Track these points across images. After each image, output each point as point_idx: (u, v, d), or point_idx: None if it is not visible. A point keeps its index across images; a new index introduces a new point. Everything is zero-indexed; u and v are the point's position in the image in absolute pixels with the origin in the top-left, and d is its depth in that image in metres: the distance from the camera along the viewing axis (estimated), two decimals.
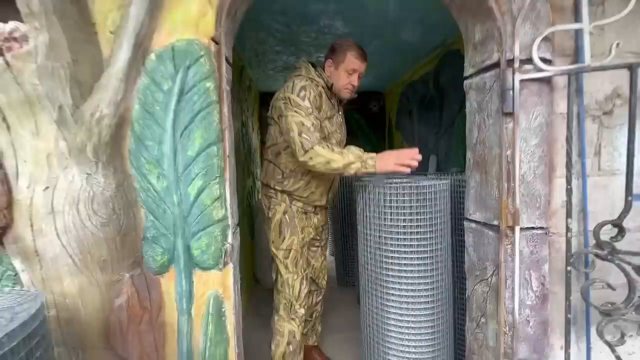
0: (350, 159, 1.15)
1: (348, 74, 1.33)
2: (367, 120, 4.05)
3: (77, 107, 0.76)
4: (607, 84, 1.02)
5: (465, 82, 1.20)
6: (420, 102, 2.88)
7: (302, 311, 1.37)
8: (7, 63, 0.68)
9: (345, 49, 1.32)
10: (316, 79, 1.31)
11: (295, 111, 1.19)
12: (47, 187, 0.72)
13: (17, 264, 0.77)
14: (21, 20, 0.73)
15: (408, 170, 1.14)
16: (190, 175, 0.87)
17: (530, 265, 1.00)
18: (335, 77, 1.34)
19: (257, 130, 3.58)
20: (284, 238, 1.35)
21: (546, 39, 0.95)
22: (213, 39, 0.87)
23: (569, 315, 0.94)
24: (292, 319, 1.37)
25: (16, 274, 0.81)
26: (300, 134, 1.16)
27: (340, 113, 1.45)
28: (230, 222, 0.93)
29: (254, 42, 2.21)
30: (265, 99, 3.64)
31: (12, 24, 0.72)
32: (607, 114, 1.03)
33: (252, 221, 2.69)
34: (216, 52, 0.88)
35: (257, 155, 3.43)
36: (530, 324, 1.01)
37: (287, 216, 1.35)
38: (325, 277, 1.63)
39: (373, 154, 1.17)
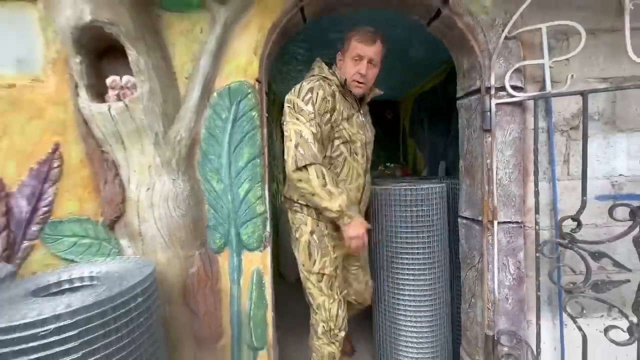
0: (334, 208, 1.06)
1: (354, 62, 1.18)
2: (382, 128, 4.30)
3: (166, 132, 1.09)
4: (573, 104, 1.23)
5: (458, 102, 1.45)
6: (431, 111, 3.11)
7: (342, 334, 1.25)
8: (125, 105, 1.02)
9: (350, 36, 1.20)
10: (329, 77, 1.20)
11: (297, 118, 1.09)
12: (148, 189, 1.05)
13: (125, 242, 1.10)
14: (132, 74, 1.07)
15: (355, 249, 1.15)
16: (240, 180, 1.18)
17: (508, 252, 1.22)
18: (344, 69, 1.22)
19: (280, 139, 3.92)
20: (315, 261, 1.19)
21: (517, 70, 1.18)
22: (257, 80, 1.18)
23: (538, 293, 1.16)
24: (332, 342, 1.25)
25: (119, 252, 1.15)
26: (296, 146, 1.06)
27: (361, 112, 1.30)
28: (267, 216, 1.23)
29: (279, 63, 2.54)
30: None
31: (125, 78, 1.06)
32: (574, 129, 1.25)
33: (276, 221, 3.01)
34: (259, 89, 1.19)
35: (281, 162, 3.76)
36: (509, 301, 1.24)
37: (315, 236, 1.19)
38: (370, 295, 1.48)
39: (352, 214, 1.11)
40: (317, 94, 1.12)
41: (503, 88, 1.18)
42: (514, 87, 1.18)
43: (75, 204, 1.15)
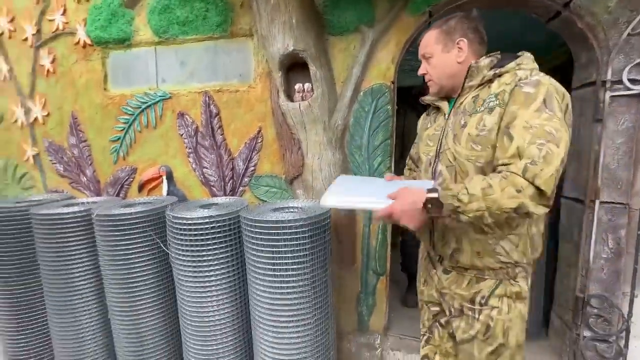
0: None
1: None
2: None
3: (329, 121, 1.63)
4: None
5: (572, 92, 1.58)
6: None
7: None
8: (309, 103, 1.58)
9: None
10: None
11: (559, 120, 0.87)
12: (318, 158, 1.62)
13: (300, 192, 1.72)
14: (310, 82, 1.62)
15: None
16: (375, 155, 1.65)
17: (608, 229, 1.39)
18: None
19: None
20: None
21: (638, 64, 1.28)
22: (392, 82, 1.60)
23: (635, 266, 1.31)
24: None
25: (294, 198, 1.77)
26: (562, 162, 0.78)
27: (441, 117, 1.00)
28: None
29: None
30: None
31: (307, 85, 1.62)
32: None
33: None
34: (393, 89, 1.61)
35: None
36: (604, 271, 1.41)
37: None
38: None
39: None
40: None
41: (620, 81, 1.31)
42: (632, 81, 1.29)
43: (269, 166, 1.82)
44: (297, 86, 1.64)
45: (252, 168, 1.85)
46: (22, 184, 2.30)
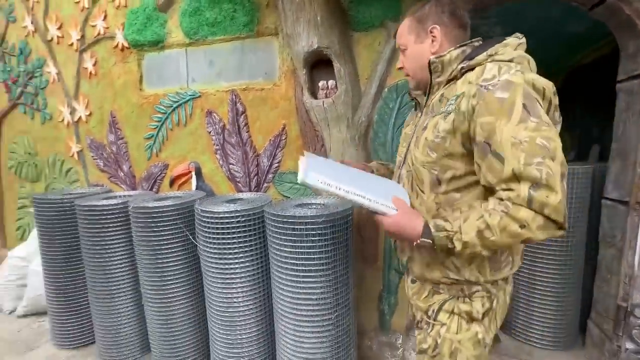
0: None
1: None
2: None
3: (353, 118, 1.62)
4: None
5: (618, 85, 1.46)
6: (585, 90, 2.79)
7: None
8: (332, 101, 1.58)
9: None
10: None
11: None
12: (342, 154, 1.62)
13: None
14: (334, 79, 1.62)
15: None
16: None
17: None
18: None
19: None
20: None
21: None
22: None
23: None
24: None
25: (315, 195, 1.79)
26: (563, 177, 0.67)
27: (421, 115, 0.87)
28: None
29: None
30: None
31: (331, 82, 1.62)
32: None
33: None
34: None
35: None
36: None
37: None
38: None
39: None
40: None
41: None
42: None
43: (293, 163, 1.85)
44: (321, 83, 1.65)
45: (276, 165, 1.89)
46: (68, 178, 2.49)
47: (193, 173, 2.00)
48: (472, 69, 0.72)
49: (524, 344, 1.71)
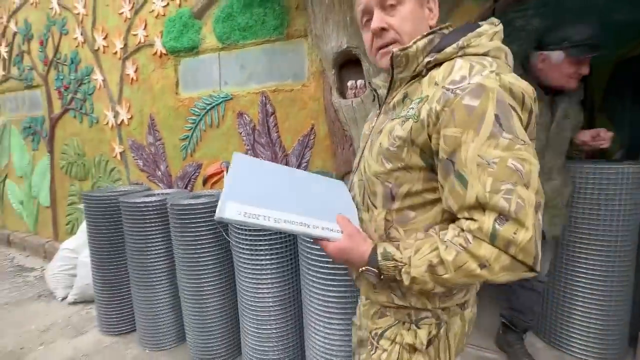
0: None
1: (365, 26, 0.68)
2: None
3: None
4: None
5: None
6: (636, 83, 2.58)
7: None
8: (361, 100, 1.59)
9: None
10: None
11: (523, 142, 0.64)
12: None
13: None
14: (362, 79, 1.62)
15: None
16: None
17: None
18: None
19: None
20: None
21: None
22: None
23: None
24: None
25: None
26: (537, 209, 0.58)
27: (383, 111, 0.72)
28: None
29: None
30: None
31: (360, 81, 1.62)
32: None
33: None
34: None
35: None
36: None
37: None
38: None
39: None
40: None
41: None
42: None
43: (321, 162, 1.87)
44: (350, 83, 1.65)
45: (305, 164, 1.92)
46: (112, 177, 2.69)
47: (225, 172, 2.09)
48: (440, 63, 0.59)
49: (565, 354, 1.61)
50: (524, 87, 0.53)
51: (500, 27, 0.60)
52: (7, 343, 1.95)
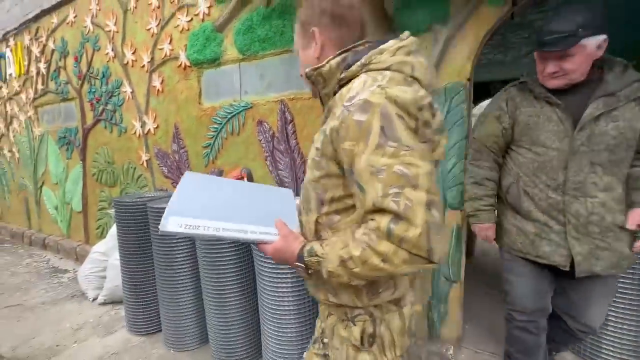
0: None
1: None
2: None
3: None
4: None
5: None
6: None
7: None
8: None
9: None
10: None
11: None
12: None
13: None
14: None
15: None
16: (449, 156, 1.58)
17: None
18: None
19: None
20: None
21: None
22: (468, 79, 1.52)
23: None
24: None
25: None
26: (429, 206, 0.63)
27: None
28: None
29: None
30: None
31: None
32: None
33: None
34: (468, 87, 1.53)
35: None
36: None
37: None
38: None
39: None
40: None
41: None
42: None
43: None
44: None
45: None
46: (139, 184, 2.82)
47: (245, 179, 2.15)
48: (350, 80, 0.65)
49: None
50: (409, 97, 0.58)
51: (409, 40, 0.65)
52: (45, 340, 2.07)
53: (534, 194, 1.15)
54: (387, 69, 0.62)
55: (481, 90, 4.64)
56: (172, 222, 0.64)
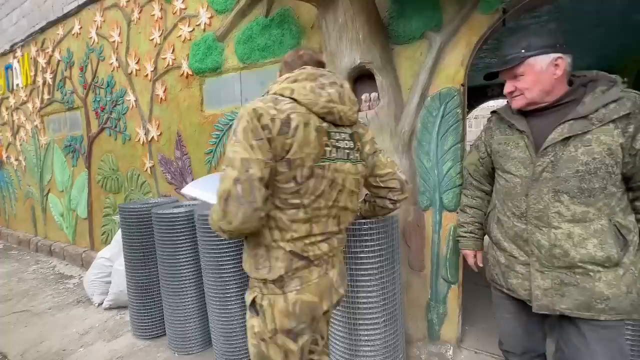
0: None
1: None
2: None
3: (395, 127, 1.66)
4: None
5: None
6: None
7: None
8: (375, 112, 1.65)
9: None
10: None
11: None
12: None
13: None
14: (376, 91, 1.68)
15: None
16: (444, 160, 1.62)
17: None
18: None
19: None
20: None
21: None
22: (462, 84, 1.56)
23: None
24: None
25: None
26: None
27: None
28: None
29: None
30: None
31: (374, 94, 1.69)
32: None
33: None
34: (463, 91, 1.57)
35: None
36: None
37: None
38: None
39: None
40: None
41: None
42: None
43: None
44: (364, 96, 1.72)
45: None
46: (142, 190, 2.88)
47: None
48: None
49: None
50: (265, 110, 0.81)
51: (306, 70, 0.90)
52: (52, 345, 2.11)
53: (503, 222, 1.10)
54: (274, 93, 0.88)
55: (479, 94, 4.72)
56: (186, 189, 1.20)
